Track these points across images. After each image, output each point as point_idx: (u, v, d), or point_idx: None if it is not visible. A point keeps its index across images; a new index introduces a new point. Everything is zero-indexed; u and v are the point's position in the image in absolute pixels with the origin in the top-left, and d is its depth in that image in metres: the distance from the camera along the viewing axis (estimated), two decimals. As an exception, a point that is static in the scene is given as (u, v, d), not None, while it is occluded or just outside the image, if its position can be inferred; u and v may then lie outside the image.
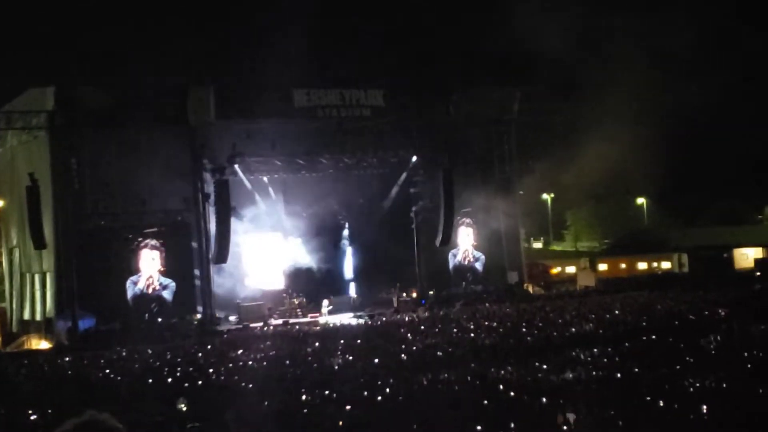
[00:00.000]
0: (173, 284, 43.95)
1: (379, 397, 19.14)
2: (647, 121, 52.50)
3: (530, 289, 52.10)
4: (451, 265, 50.71)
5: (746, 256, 59.12)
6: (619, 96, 50.35)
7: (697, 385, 18.24)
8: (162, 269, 43.63)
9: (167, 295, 43.79)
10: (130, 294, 42.89)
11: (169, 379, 24.65)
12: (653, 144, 53.86)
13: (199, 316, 44.09)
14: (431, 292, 49.26)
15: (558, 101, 52.23)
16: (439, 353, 27.09)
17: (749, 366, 20.34)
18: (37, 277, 44.14)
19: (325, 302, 46.23)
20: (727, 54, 53.28)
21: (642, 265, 59.32)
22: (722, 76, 52.46)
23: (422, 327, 34.59)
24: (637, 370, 20.23)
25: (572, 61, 51.70)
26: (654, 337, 26.66)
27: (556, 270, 56.81)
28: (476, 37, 67.50)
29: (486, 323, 34.15)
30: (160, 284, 43.67)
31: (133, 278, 43.13)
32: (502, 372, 21.32)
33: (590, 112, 51.21)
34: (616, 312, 35.17)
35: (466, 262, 50.96)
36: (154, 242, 43.54)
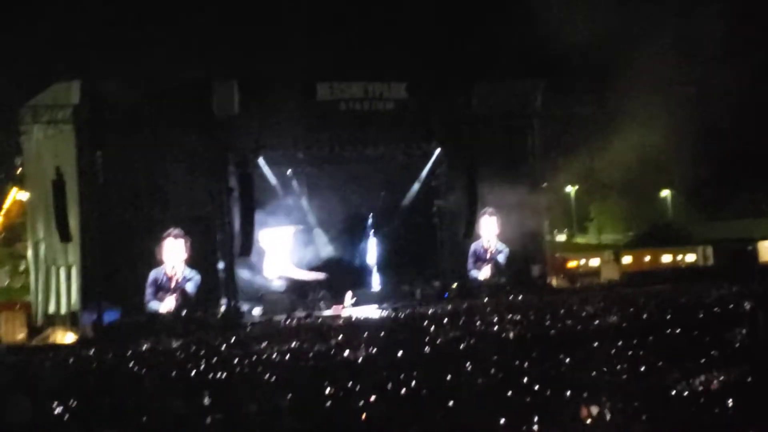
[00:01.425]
0: (198, 277, 44.03)
1: (403, 390, 19.13)
2: (673, 113, 52.19)
3: (554, 282, 51.97)
4: (470, 250, 50.41)
5: (772, 249, 58.73)
6: (644, 88, 50.11)
7: (723, 378, 18.14)
8: (186, 258, 43.75)
9: (190, 288, 43.86)
10: (148, 289, 43.00)
11: (193, 372, 24.75)
12: (679, 136, 53.56)
13: (222, 308, 44.25)
14: (454, 285, 49.24)
15: (582, 93, 52.02)
16: (462, 346, 27.07)
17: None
18: (62, 271, 44.36)
19: (349, 295, 46.27)
20: (757, 47, 52.88)
21: (666, 258, 58.92)
22: (750, 69, 52.14)
23: (445, 319, 34.55)
24: (661, 363, 20.12)
25: (597, 52, 51.47)
26: (679, 330, 26.51)
27: (573, 263, 56.36)
28: (500, 28, 67.25)
29: (509, 316, 34.08)
30: (184, 276, 43.77)
31: (155, 272, 43.26)
32: (526, 365, 21.27)
33: (615, 104, 50.95)
34: (640, 305, 35.02)
35: (488, 255, 50.81)
36: (177, 231, 43.65)
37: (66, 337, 42.01)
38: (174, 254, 43.60)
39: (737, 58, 51.29)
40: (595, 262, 57.95)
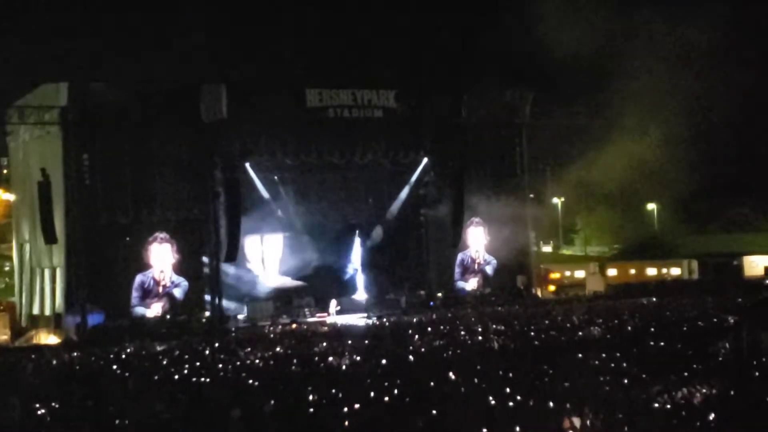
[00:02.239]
0: (185, 283, 43.90)
1: (386, 398, 19.14)
2: (661, 126, 52.39)
3: (539, 293, 52.02)
4: (458, 260, 50.37)
5: (756, 264, 58.94)
6: (631, 101, 50.27)
7: (705, 392, 18.20)
8: (174, 262, 43.64)
9: (178, 293, 43.74)
10: (134, 293, 42.82)
11: (176, 376, 24.71)
12: (665, 149, 53.75)
13: (207, 313, 44.14)
14: (440, 294, 49.24)
15: (570, 104, 52.17)
16: (446, 355, 27.09)
17: (757, 374, 20.30)
18: (47, 272, 44.21)
19: (333, 302, 46.21)
20: (742, 58, 53.13)
21: (651, 271, 59.14)
22: (735, 82, 52.33)
23: (430, 329, 34.58)
24: (644, 376, 20.19)
25: (585, 64, 51.63)
26: (662, 343, 26.61)
27: (555, 275, 56.30)
28: (489, 38, 67.48)
29: (494, 326, 34.13)
30: (172, 282, 43.64)
31: (141, 276, 43.09)
32: (510, 374, 21.30)
33: (603, 117, 51.09)
34: (625, 317, 35.11)
35: (476, 266, 50.81)
36: (163, 235, 43.52)
37: (49, 339, 41.86)
38: (162, 258, 43.46)
39: (727, 74, 51.49)
40: (580, 273, 58.09)
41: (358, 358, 26.59)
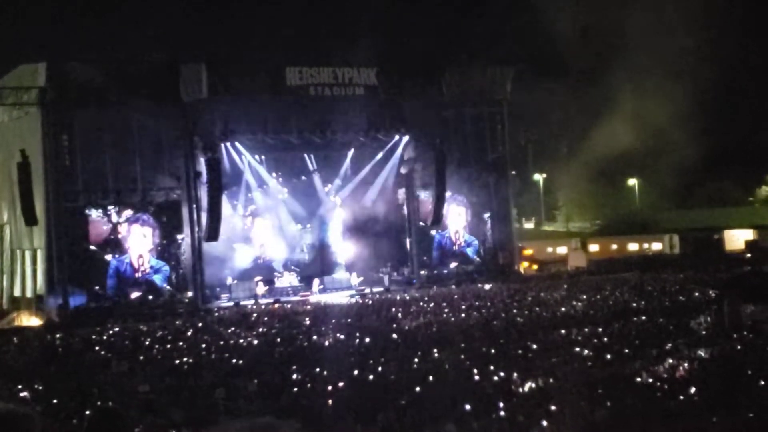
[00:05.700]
0: (167, 268, 43.27)
1: (370, 376, 19.18)
2: (643, 103, 52.53)
3: (521, 269, 52.10)
4: (435, 242, 50.20)
5: (737, 238, 59.22)
6: (612, 76, 50.38)
7: (687, 366, 18.31)
8: (152, 247, 43.34)
9: (159, 280, 43.08)
10: (109, 281, 42.39)
11: (160, 357, 24.70)
12: (646, 124, 53.90)
13: (190, 293, 43.98)
14: (423, 272, 49.27)
15: (551, 80, 52.22)
16: (429, 332, 27.15)
17: (738, 347, 20.42)
18: (27, 254, 43.98)
19: (316, 281, 46.22)
20: (721, 31, 53.27)
21: (633, 246, 59.35)
22: (716, 56, 52.52)
23: (413, 306, 34.65)
24: (627, 350, 20.29)
25: (566, 40, 51.67)
26: (644, 318, 26.75)
27: (528, 251, 56.08)
28: (470, 14, 67.36)
29: (477, 303, 34.22)
30: (151, 267, 43.21)
31: (116, 261, 42.57)
32: (493, 351, 21.37)
33: (583, 92, 51.21)
34: (607, 293, 35.26)
35: (455, 246, 50.66)
36: (146, 217, 43.20)
37: (31, 321, 41.70)
38: (141, 241, 42.98)
39: (708, 47, 51.65)
40: (562, 250, 58.23)
41: (342, 336, 26.62)
